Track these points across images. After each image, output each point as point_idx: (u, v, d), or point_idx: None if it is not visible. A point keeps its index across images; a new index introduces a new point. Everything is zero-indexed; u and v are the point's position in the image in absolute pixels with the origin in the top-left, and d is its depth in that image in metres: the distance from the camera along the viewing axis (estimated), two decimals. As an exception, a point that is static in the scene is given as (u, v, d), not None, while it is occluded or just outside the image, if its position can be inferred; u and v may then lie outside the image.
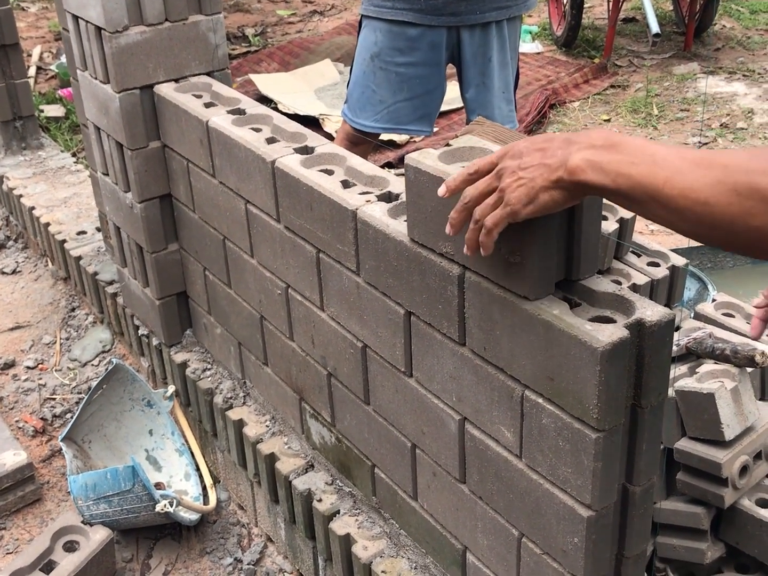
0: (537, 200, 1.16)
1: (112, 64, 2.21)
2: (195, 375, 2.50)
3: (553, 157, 1.14)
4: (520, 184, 1.16)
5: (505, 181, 1.18)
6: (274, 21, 7.30)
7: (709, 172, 1.01)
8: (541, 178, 1.14)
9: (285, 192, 1.86)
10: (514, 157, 1.19)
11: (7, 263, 3.74)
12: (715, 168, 1.01)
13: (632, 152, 1.08)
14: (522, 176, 1.16)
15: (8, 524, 2.53)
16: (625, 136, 1.12)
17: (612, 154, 1.09)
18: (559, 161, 1.13)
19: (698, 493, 2.08)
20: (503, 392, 1.44)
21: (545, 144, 1.16)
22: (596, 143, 1.11)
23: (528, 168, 1.16)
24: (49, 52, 6.53)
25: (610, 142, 1.10)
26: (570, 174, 1.11)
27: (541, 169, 1.14)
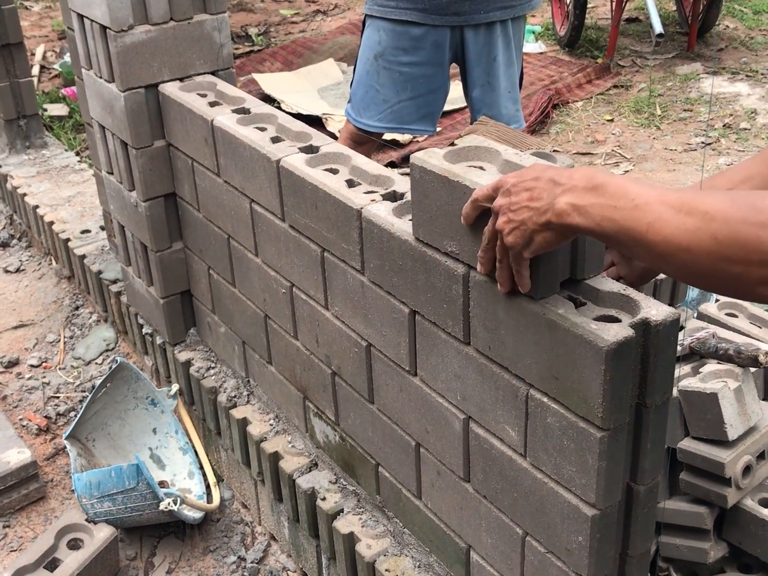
0: (533, 242, 1.19)
1: (117, 63, 2.21)
2: (199, 373, 2.51)
3: (540, 200, 1.16)
4: (513, 227, 1.20)
5: (499, 222, 1.22)
6: (277, 20, 7.30)
7: (690, 219, 1.02)
8: (531, 222, 1.17)
9: (290, 191, 1.86)
10: (504, 194, 1.21)
11: (11, 262, 3.74)
12: (696, 215, 1.02)
13: (614, 195, 1.09)
14: (513, 218, 1.19)
15: (12, 522, 2.53)
16: (608, 175, 1.12)
17: (595, 197, 1.10)
18: (546, 204, 1.15)
19: (701, 493, 2.08)
20: (508, 391, 1.44)
21: (532, 183, 1.18)
22: (579, 184, 1.12)
23: (517, 210, 1.18)
24: (52, 51, 6.53)
25: (593, 183, 1.11)
26: (557, 217, 1.14)
27: (529, 212, 1.17)
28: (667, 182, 4.40)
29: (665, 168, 4.58)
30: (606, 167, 4.61)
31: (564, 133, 5.06)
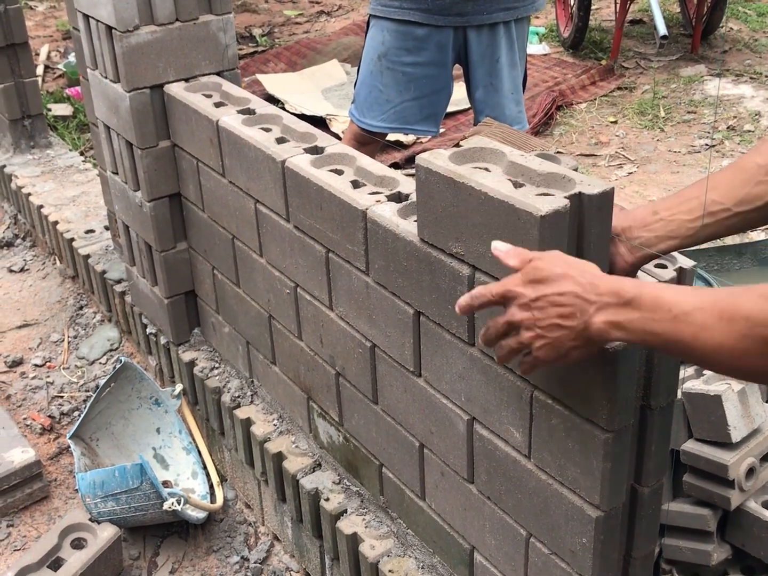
0: (569, 356, 1.18)
1: (122, 64, 2.22)
2: (203, 374, 2.51)
3: (573, 318, 1.15)
4: (545, 342, 1.17)
5: (526, 336, 1.19)
6: (281, 21, 7.31)
7: (735, 326, 1.04)
8: (568, 340, 1.16)
9: (295, 192, 1.86)
10: (523, 308, 1.19)
11: (15, 261, 3.75)
12: (738, 320, 1.04)
13: (650, 307, 1.10)
14: (543, 335, 1.17)
15: (16, 521, 2.54)
16: (636, 286, 1.13)
17: (630, 312, 1.11)
18: (581, 323, 1.14)
19: (705, 495, 2.08)
20: (512, 393, 1.44)
21: (558, 299, 1.16)
22: (611, 301, 1.12)
23: (547, 326, 1.17)
24: (56, 51, 6.54)
25: (624, 299, 1.12)
26: (597, 336, 1.14)
27: (564, 331, 1.16)
28: (670, 184, 4.40)
29: (669, 170, 4.58)
30: (609, 169, 4.61)
31: (568, 134, 5.06)
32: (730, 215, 1.38)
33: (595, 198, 1.32)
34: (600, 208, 1.32)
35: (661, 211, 1.41)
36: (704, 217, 1.38)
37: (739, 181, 1.39)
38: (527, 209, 1.28)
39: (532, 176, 1.39)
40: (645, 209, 1.43)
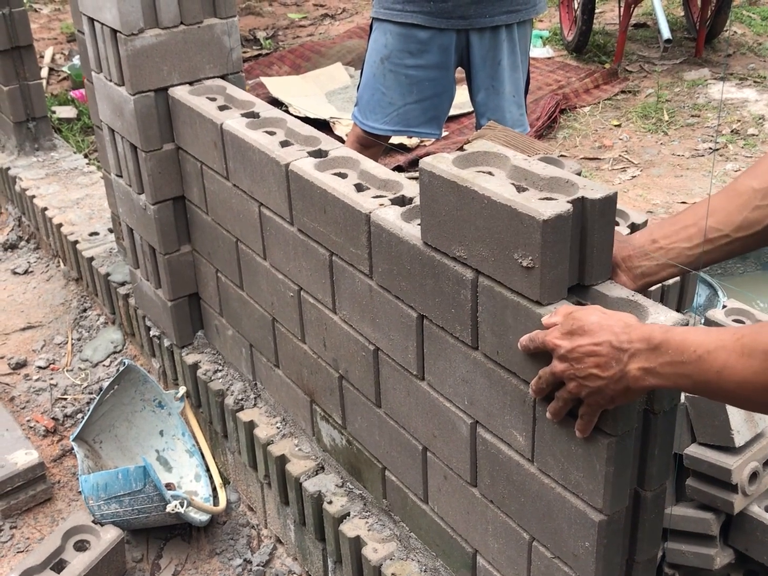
0: (615, 402, 1.24)
1: (127, 67, 2.22)
2: (206, 376, 2.51)
3: (610, 368, 1.20)
4: (589, 391, 1.24)
5: (571, 386, 1.26)
6: (285, 24, 7.32)
7: (756, 362, 1.08)
8: (609, 389, 1.21)
9: (298, 195, 1.87)
10: (562, 360, 1.25)
11: (19, 263, 3.76)
12: (759, 356, 1.08)
13: (677, 350, 1.15)
14: (587, 385, 1.23)
15: (19, 523, 2.54)
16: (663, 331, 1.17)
17: (660, 357, 1.16)
18: (618, 372, 1.20)
19: (708, 499, 2.08)
20: (516, 396, 1.44)
21: (593, 348, 1.21)
22: (642, 347, 1.18)
23: (586, 377, 1.23)
24: (61, 54, 6.56)
25: (654, 344, 1.17)
26: (634, 383, 1.19)
27: (603, 381, 1.21)
28: (674, 188, 4.40)
29: (672, 174, 4.58)
30: (613, 172, 4.61)
31: (571, 138, 5.06)
32: (729, 241, 1.41)
33: (598, 203, 1.32)
34: (603, 213, 1.33)
35: (660, 240, 1.44)
36: (704, 244, 1.42)
37: (735, 207, 1.41)
38: (530, 213, 1.29)
39: (535, 180, 1.39)
40: (643, 237, 1.47)
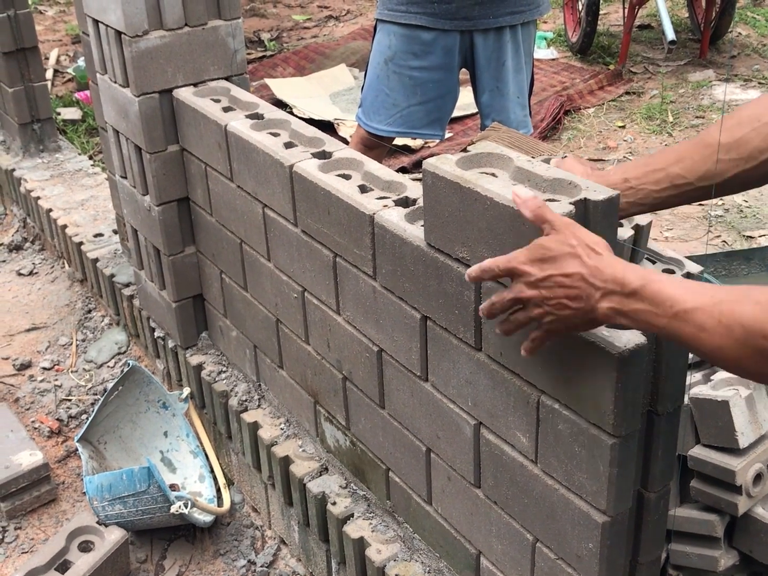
0: (577, 330, 1.25)
1: (131, 68, 2.23)
2: (210, 377, 2.52)
3: (579, 301, 1.18)
4: (553, 317, 1.22)
5: (535, 312, 1.24)
6: (289, 26, 7.32)
7: (732, 333, 1.07)
8: (577, 318, 1.21)
9: (302, 196, 1.87)
10: (531, 286, 1.22)
11: (24, 264, 3.76)
12: (736, 327, 1.07)
13: (651, 301, 1.13)
14: (551, 311, 1.22)
15: (24, 524, 2.55)
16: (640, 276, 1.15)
17: (634, 303, 1.14)
18: (588, 306, 1.18)
19: (712, 501, 2.07)
20: (519, 397, 1.44)
21: (564, 280, 1.19)
22: (615, 289, 1.16)
23: (554, 304, 1.21)
24: (66, 55, 6.57)
25: (628, 289, 1.15)
26: (603, 319, 1.19)
27: (572, 311, 1.20)
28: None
29: (677, 175, 4.56)
30: (617, 174, 4.60)
31: (576, 139, 5.05)
32: (693, 189, 1.49)
33: (601, 204, 1.32)
34: (605, 215, 1.33)
35: (632, 180, 1.53)
36: (669, 188, 1.52)
37: (700, 157, 1.48)
38: (534, 214, 1.28)
39: (538, 182, 1.39)
40: (617, 175, 1.54)
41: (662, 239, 3.85)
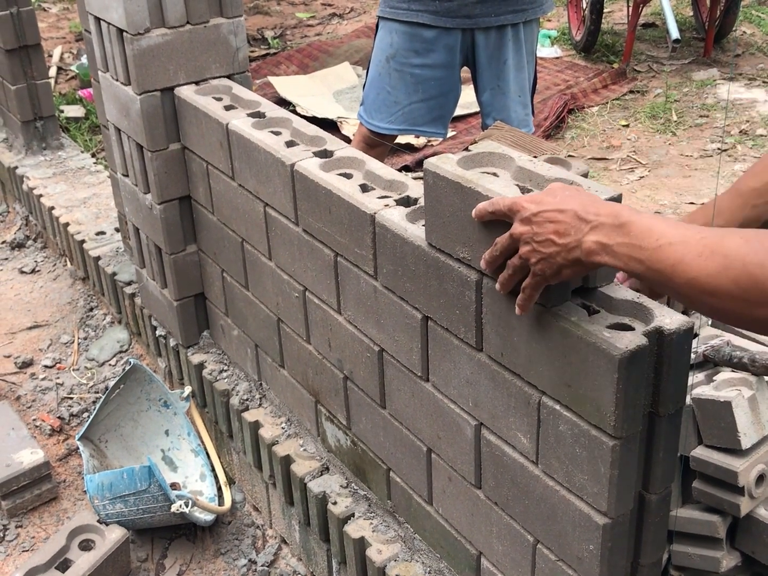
0: (561, 274, 1.23)
1: (133, 66, 2.22)
2: (212, 376, 2.51)
3: (567, 236, 1.18)
4: (540, 257, 1.22)
5: (523, 250, 1.24)
6: (293, 23, 7.32)
7: (711, 263, 1.06)
8: (560, 257, 1.20)
9: (304, 195, 1.86)
10: (524, 222, 1.24)
11: (26, 262, 3.76)
12: (716, 258, 1.05)
13: (639, 235, 1.12)
14: (539, 250, 1.21)
15: (24, 522, 2.54)
16: (635, 213, 1.15)
17: (621, 237, 1.14)
18: (574, 241, 1.18)
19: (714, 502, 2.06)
20: (520, 398, 1.44)
21: (556, 215, 1.20)
22: (606, 222, 1.15)
23: (543, 242, 1.21)
24: (69, 53, 6.57)
25: (619, 221, 1.15)
26: (586, 256, 1.17)
27: (556, 248, 1.20)
28: (682, 188, 4.38)
29: (681, 174, 4.56)
30: (621, 173, 4.60)
31: (579, 138, 5.04)
32: None
33: (604, 203, 1.31)
34: (609, 214, 1.32)
35: None
36: None
37: (737, 206, 1.50)
38: (535, 214, 1.28)
39: (539, 181, 1.39)
40: None
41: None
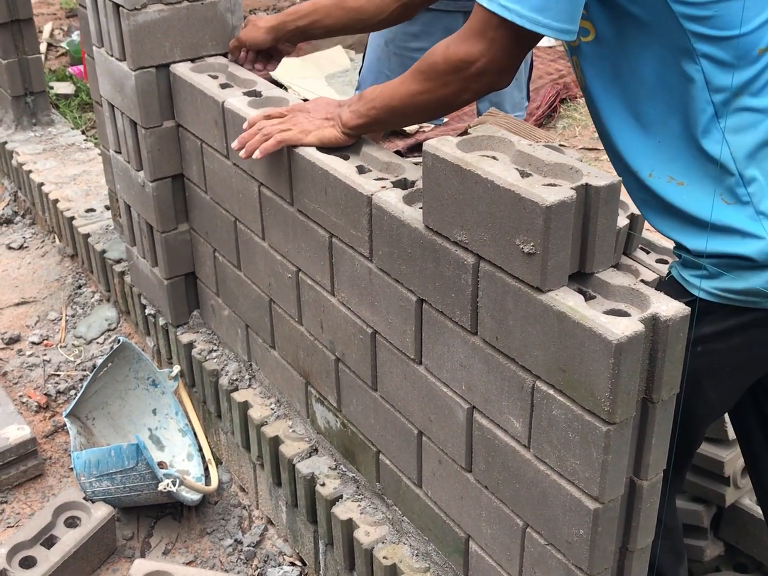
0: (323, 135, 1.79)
1: (129, 42, 2.21)
2: (201, 356, 2.51)
3: (332, 115, 1.79)
4: (313, 125, 1.80)
5: (298, 118, 1.82)
6: (286, 5, 7.27)
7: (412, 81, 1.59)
8: (329, 123, 1.79)
9: (300, 176, 1.86)
10: (302, 110, 1.85)
11: (14, 239, 3.74)
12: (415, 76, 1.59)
13: (371, 94, 1.68)
14: (313, 121, 1.81)
15: (10, 498, 2.54)
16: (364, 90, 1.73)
17: (361, 102, 1.71)
18: (337, 115, 1.77)
19: (699, 491, 2.08)
20: (514, 382, 1.44)
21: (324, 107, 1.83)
22: (352, 100, 1.74)
23: (315, 120, 1.81)
24: (60, 29, 6.51)
25: (356, 96, 1.74)
26: (346, 122, 1.74)
27: (327, 121, 1.79)
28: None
29: (671, 166, 4.57)
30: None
31: (571, 127, 5.05)
32: None
33: (602, 190, 1.31)
34: (607, 201, 1.32)
35: None
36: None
37: None
38: (533, 199, 1.28)
39: (539, 166, 1.38)
40: None
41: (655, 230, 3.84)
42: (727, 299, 1.48)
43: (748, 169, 1.44)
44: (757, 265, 1.44)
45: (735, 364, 1.55)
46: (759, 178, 1.44)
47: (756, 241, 1.44)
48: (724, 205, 1.46)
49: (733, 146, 1.43)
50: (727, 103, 1.42)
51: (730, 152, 1.43)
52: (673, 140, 1.49)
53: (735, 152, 1.43)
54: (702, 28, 1.39)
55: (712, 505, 2.11)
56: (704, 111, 1.43)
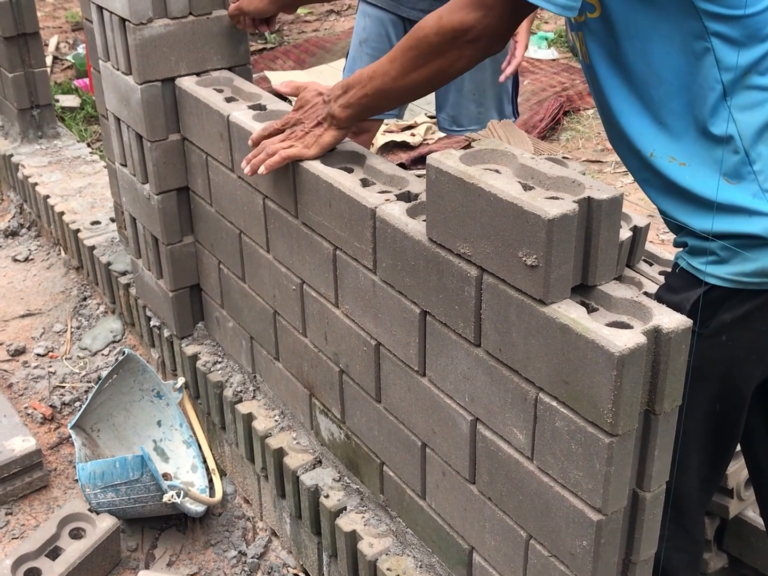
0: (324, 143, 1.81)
1: (135, 56, 2.22)
2: (205, 368, 2.51)
3: (323, 116, 1.78)
4: (312, 137, 1.81)
5: (296, 133, 1.84)
6: (291, 19, 7.31)
7: (396, 61, 1.60)
8: (324, 127, 1.79)
9: (304, 189, 1.87)
10: (297, 122, 1.85)
11: (20, 251, 3.75)
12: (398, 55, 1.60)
13: (358, 82, 1.68)
14: (310, 132, 1.81)
15: (15, 510, 2.54)
16: (349, 77, 1.73)
17: (349, 93, 1.70)
18: (328, 114, 1.76)
19: (704, 503, 2.07)
20: (517, 394, 1.45)
21: (312, 110, 1.81)
22: (338, 92, 1.72)
23: (310, 128, 1.82)
24: (65, 43, 6.55)
25: (343, 86, 1.72)
26: (338, 117, 1.74)
27: (320, 126, 1.80)
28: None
29: (675, 178, 4.57)
30: (615, 175, 4.61)
31: (574, 140, 5.06)
32: None
33: (605, 203, 1.32)
34: (609, 214, 1.33)
35: None
36: None
37: None
38: (535, 212, 1.29)
39: (542, 179, 1.39)
40: None
41: (659, 242, 3.85)
42: (741, 283, 1.47)
43: (755, 147, 1.44)
44: (766, 242, 1.44)
45: (760, 352, 1.54)
46: (765, 156, 1.45)
47: (763, 219, 1.43)
48: (727, 185, 1.46)
49: (740, 125, 1.43)
50: (736, 82, 1.42)
51: (737, 131, 1.44)
52: (676, 121, 1.48)
53: (742, 131, 1.43)
54: (714, 6, 1.39)
55: (716, 517, 2.11)
56: (713, 89, 1.43)
